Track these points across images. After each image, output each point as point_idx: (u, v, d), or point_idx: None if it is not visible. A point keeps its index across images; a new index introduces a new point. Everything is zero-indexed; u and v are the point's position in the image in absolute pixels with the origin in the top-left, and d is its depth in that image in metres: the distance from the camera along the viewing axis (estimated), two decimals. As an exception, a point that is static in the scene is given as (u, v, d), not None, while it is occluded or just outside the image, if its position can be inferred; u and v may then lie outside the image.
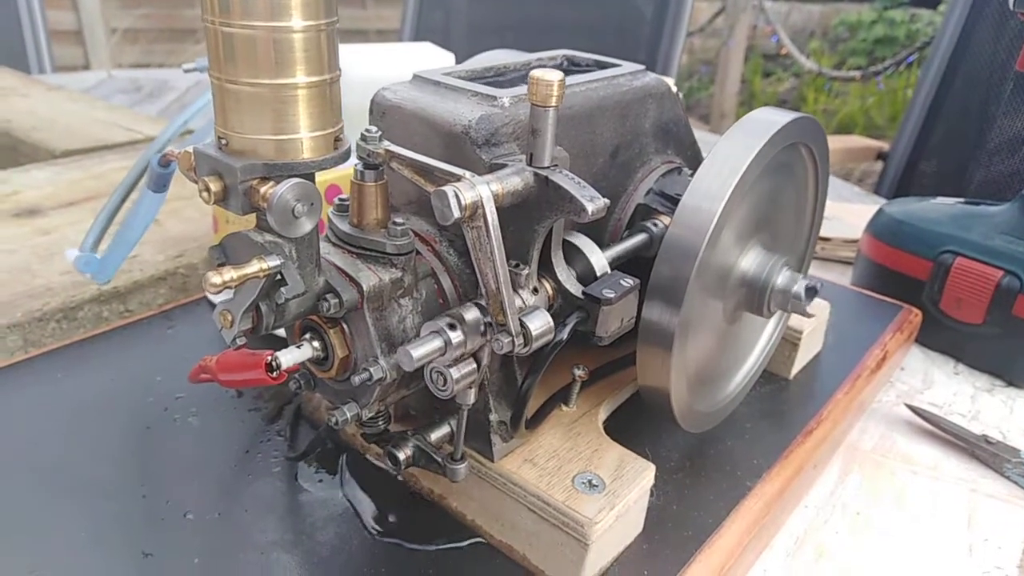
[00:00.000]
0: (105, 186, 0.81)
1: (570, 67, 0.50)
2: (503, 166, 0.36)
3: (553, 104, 0.34)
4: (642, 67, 0.48)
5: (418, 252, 0.40)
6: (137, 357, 0.59)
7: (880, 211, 0.82)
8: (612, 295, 0.38)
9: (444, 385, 0.36)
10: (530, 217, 0.36)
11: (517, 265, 0.38)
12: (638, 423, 0.52)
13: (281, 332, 0.40)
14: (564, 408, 0.48)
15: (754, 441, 0.54)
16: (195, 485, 0.47)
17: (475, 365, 0.36)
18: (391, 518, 0.46)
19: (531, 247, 0.37)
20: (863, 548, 0.51)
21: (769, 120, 0.44)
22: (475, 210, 0.33)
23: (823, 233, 0.95)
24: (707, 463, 0.52)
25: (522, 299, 0.38)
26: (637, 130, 0.47)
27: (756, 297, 0.47)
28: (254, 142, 0.31)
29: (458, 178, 0.34)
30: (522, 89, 0.41)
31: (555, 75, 0.34)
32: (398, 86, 0.41)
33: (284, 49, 0.30)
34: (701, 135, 0.61)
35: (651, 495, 0.47)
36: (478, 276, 0.35)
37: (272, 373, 0.37)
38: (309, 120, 0.32)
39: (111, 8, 3.08)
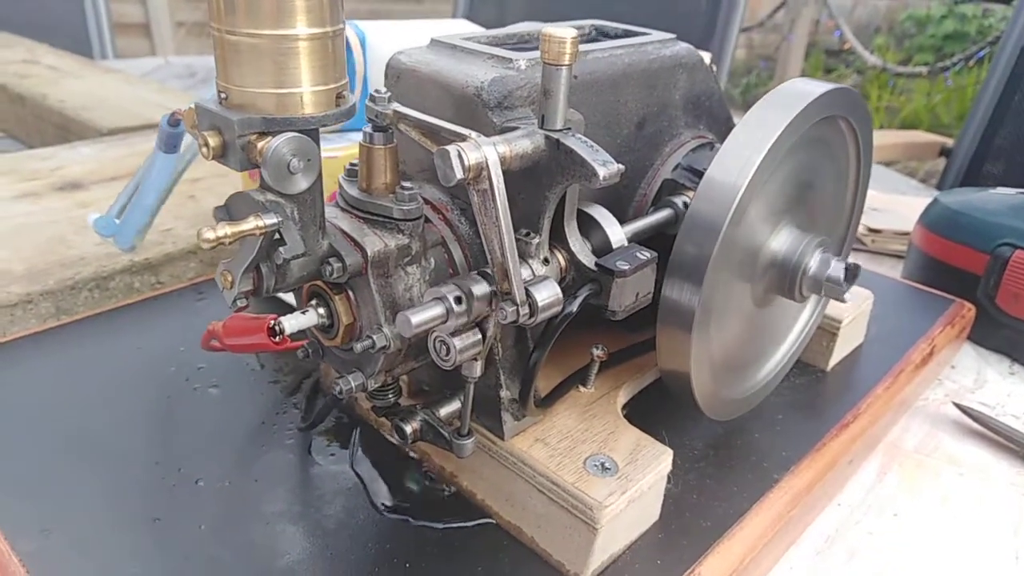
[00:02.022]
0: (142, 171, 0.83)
1: (598, 36, 0.48)
2: (515, 129, 0.35)
3: (566, 62, 0.33)
4: (672, 36, 0.46)
5: (429, 220, 0.39)
6: (164, 328, 0.59)
7: (935, 201, 0.78)
8: (626, 267, 0.36)
9: (447, 355, 0.34)
10: (541, 183, 0.35)
11: (527, 234, 0.36)
12: (662, 409, 0.50)
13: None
14: (582, 389, 0.46)
15: (784, 433, 0.52)
16: (209, 454, 0.47)
17: (480, 336, 0.35)
18: (400, 495, 0.45)
19: (542, 215, 0.36)
20: (898, 550, 0.48)
21: (803, 91, 0.41)
22: (479, 172, 0.32)
23: (874, 225, 0.91)
24: (733, 453, 0.50)
25: (531, 269, 0.36)
26: (666, 101, 0.45)
27: (787, 280, 0.45)
28: (253, 96, 0.31)
29: (464, 138, 0.32)
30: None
31: (568, 32, 0.32)
32: (414, 50, 0.40)
33: (283, -2, 0.29)
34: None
35: (669, 482, 0.45)
36: (483, 242, 0.33)
37: (275, 338, 0.36)
38: (310, 74, 0.31)
39: (177, 2, 3.15)
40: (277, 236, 0.33)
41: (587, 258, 0.37)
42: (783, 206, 0.45)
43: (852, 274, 0.44)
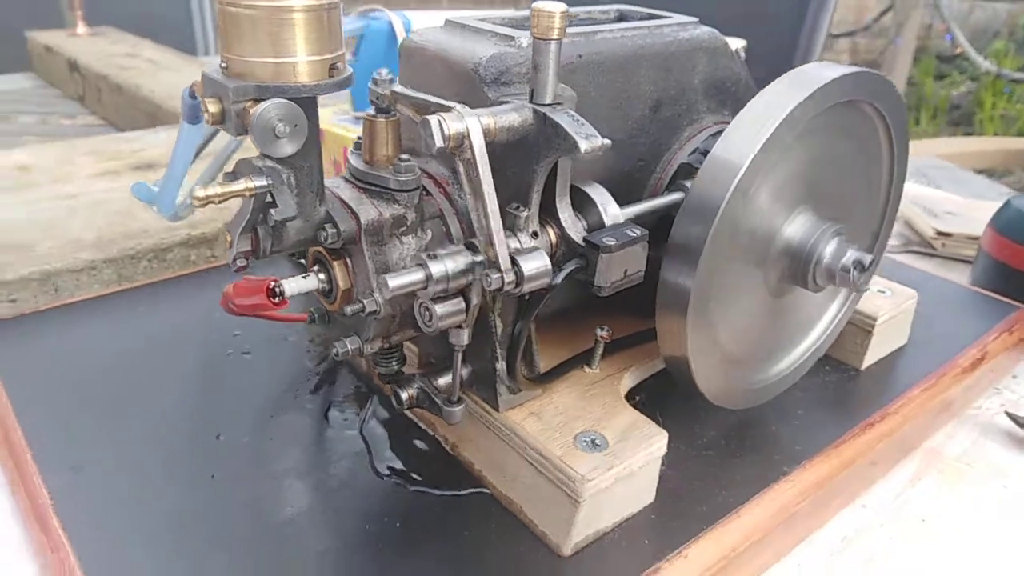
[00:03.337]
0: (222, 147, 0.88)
1: (621, 19, 0.49)
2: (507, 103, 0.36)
3: (555, 36, 0.34)
4: (694, 20, 0.46)
5: (428, 193, 0.40)
6: (211, 298, 0.63)
7: (1007, 203, 0.74)
8: (612, 243, 0.36)
9: (430, 320, 0.36)
10: (529, 157, 0.36)
11: (518, 207, 0.37)
12: (673, 396, 0.50)
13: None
14: (587, 370, 0.47)
15: (803, 428, 0.50)
16: (232, 413, 0.50)
17: (463, 304, 0.36)
18: (403, 461, 0.46)
19: (531, 189, 0.36)
20: (921, 557, 0.46)
21: (818, 73, 0.40)
22: (461, 141, 0.33)
23: (945, 228, 0.86)
24: (744, 444, 0.49)
25: (519, 241, 0.37)
26: (684, 85, 0.45)
27: (800, 268, 0.44)
28: (250, 65, 0.33)
29: (449, 110, 0.33)
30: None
31: (557, 6, 0.33)
32: (427, 30, 0.42)
33: (279, -28, 0.31)
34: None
35: (664, 466, 0.45)
36: (470, 211, 0.34)
37: (274, 299, 0.38)
38: (304, 45, 0.33)
39: None
40: (270, 199, 0.35)
41: (577, 234, 0.37)
42: (801, 193, 0.44)
43: (862, 265, 0.43)
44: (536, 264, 0.34)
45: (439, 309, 0.35)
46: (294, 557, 0.40)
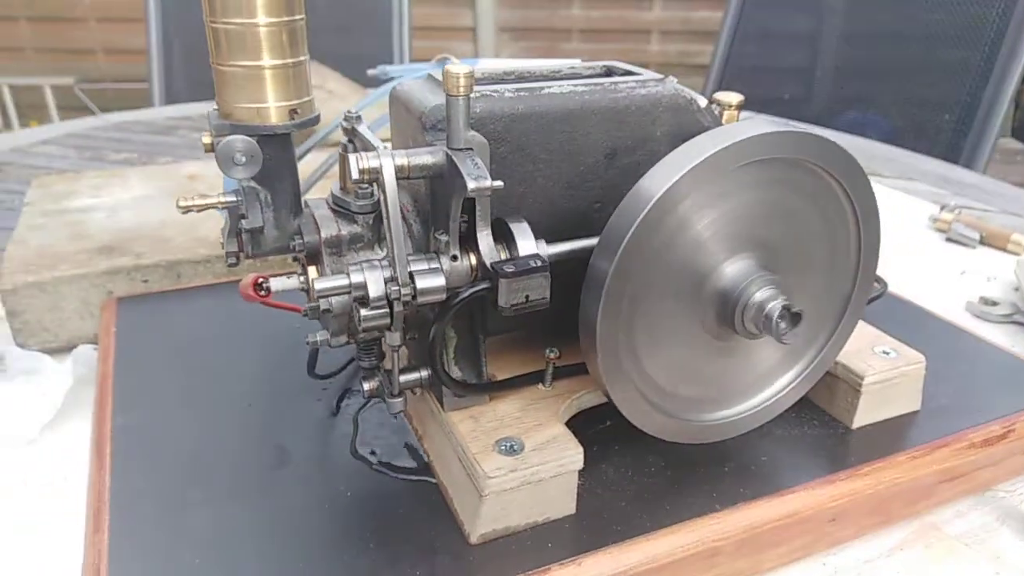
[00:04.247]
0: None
1: (608, 74, 0.53)
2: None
3: (462, 94, 0.40)
4: (660, 77, 0.50)
5: (391, 216, 0.47)
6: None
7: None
8: (510, 270, 0.41)
9: (359, 321, 0.43)
10: (447, 192, 0.42)
11: (441, 233, 0.43)
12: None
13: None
14: (541, 387, 0.51)
15: (757, 473, 0.51)
16: (266, 389, 0.60)
17: (387, 309, 0.43)
18: (380, 445, 0.54)
19: (450, 218, 0.43)
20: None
21: (741, 129, 0.43)
22: (375, 176, 0.40)
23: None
24: (690, 478, 0.51)
25: (440, 262, 0.43)
26: (645, 136, 0.49)
27: (729, 309, 0.46)
28: (230, 108, 0.42)
29: (372, 148, 0.41)
30: (504, 87, 0.47)
31: (463, 69, 0.39)
32: (411, 80, 0.50)
33: (250, 39, 0.41)
34: None
35: (598, 485, 0.49)
36: (385, 232, 0.42)
37: (260, 292, 0.48)
38: (272, 94, 0.42)
39: (502, 9, 3.55)
40: (243, 212, 0.44)
41: (488, 260, 0.43)
42: (744, 239, 0.46)
43: (789, 316, 0.44)
44: (431, 282, 0.41)
45: (363, 312, 0.43)
46: (250, 491, 0.49)
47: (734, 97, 0.51)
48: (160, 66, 2.13)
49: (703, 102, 0.50)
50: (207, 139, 0.43)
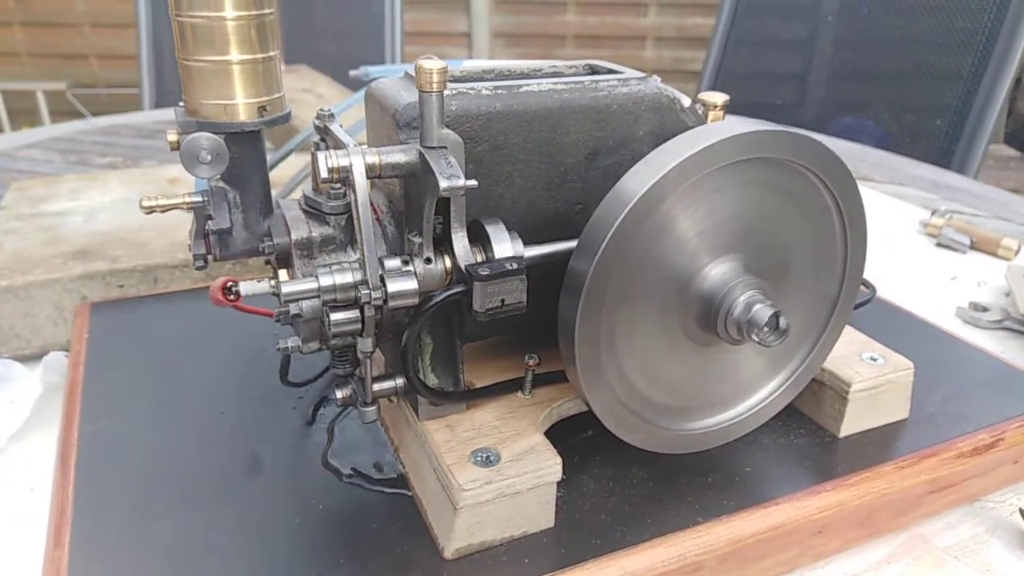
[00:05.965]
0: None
1: (592, 72, 0.52)
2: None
3: (435, 90, 0.38)
4: (643, 75, 0.48)
5: (364, 218, 0.46)
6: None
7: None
8: (485, 273, 0.40)
9: (329, 326, 0.42)
10: (421, 192, 0.41)
11: (415, 234, 0.42)
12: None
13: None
14: (520, 395, 0.50)
15: (741, 484, 0.49)
16: (241, 397, 0.59)
17: (358, 314, 0.41)
18: (354, 457, 0.52)
19: (424, 219, 0.41)
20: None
21: (726, 127, 0.41)
22: (344, 174, 0.39)
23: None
24: (672, 490, 0.49)
25: (413, 265, 0.42)
26: (627, 136, 0.47)
27: (711, 314, 0.44)
28: (196, 104, 0.41)
29: (343, 147, 0.40)
30: (481, 85, 0.45)
31: (436, 64, 0.38)
32: (387, 80, 0.48)
33: (218, 33, 0.39)
34: None
35: (580, 498, 0.47)
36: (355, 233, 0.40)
37: (229, 295, 0.46)
38: (240, 90, 0.41)
39: (497, 15, 3.55)
40: (209, 213, 0.43)
41: (463, 262, 0.42)
42: (728, 240, 0.44)
43: (776, 322, 0.42)
44: (402, 286, 0.39)
45: (334, 316, 0.41)
46: (218, 503, 0.48)
47: (719, 97, 0.50)
48: (150, 71, 2.12)
49: (686, 101, 0.49)
50: (173, 136, 0.42)
